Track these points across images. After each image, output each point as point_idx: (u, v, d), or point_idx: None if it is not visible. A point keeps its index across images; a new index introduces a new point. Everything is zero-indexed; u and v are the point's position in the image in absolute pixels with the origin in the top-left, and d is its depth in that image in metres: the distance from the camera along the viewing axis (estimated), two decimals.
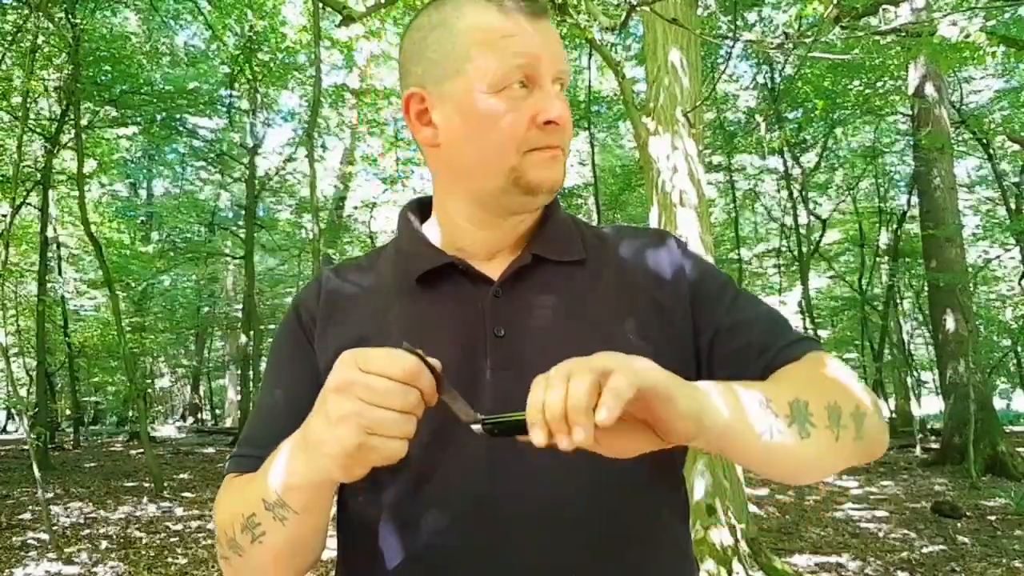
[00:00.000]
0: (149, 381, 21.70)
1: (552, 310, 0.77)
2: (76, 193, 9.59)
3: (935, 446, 10.80)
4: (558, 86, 0.75)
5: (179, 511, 6.73)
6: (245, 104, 12.42)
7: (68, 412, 16.98)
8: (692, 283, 0.80)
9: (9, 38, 8.51)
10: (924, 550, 5.16)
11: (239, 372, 15.79)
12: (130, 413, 18.54)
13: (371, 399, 0.56)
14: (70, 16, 8.05)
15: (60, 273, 13.96)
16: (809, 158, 13.53)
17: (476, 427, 0.59)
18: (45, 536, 5.35)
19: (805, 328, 14.76)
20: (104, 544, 5.43)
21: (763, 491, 7.73)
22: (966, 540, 5.43)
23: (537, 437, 0.53)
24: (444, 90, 0.76)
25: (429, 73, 0.77)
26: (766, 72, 11.91)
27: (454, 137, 0.77)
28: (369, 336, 0.77)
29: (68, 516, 6.45)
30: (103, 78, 9.85)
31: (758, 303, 0.82)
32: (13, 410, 17.60)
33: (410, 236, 0.85)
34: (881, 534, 5.71)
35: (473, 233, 0.81)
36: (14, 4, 8.67)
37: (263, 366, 18.78)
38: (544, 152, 0.74)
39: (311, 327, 0.82)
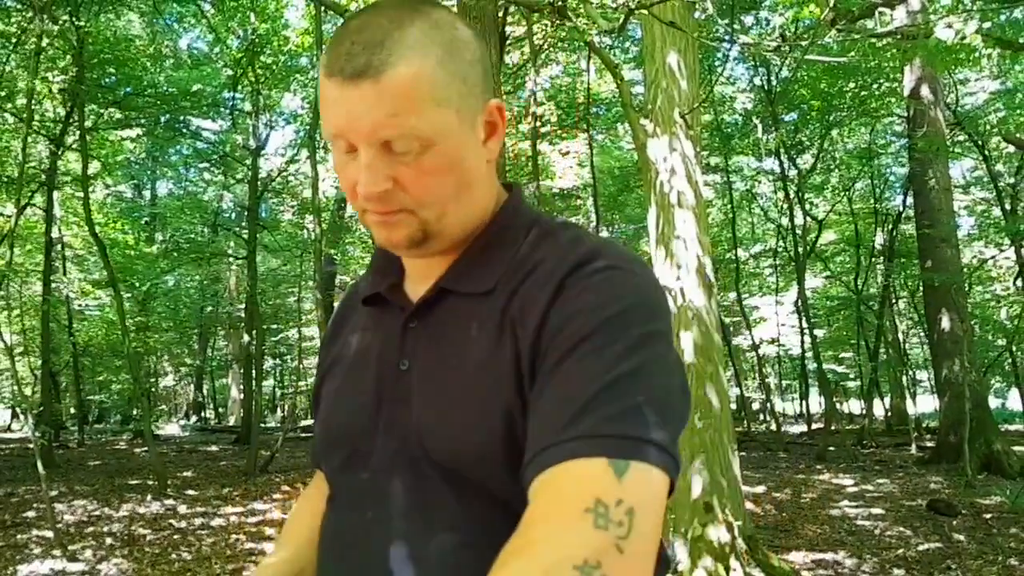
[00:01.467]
0: (153, 380, 21.78)
1: (446, 345, 0.71)
2: (80, 194, 9.65)
3: (931, 444, 10.87)
4: (407, 148, 0.64)
5: (183, 508, 6.79)
6: (248, 106, 12.45)
7: (72, 411, 17.07)
8: (554, 325, 0.64)
9: (14, 40, 8.57)
10: (920, 548, 5.19)
11: (241, 371, 15.86)
12: (134, 411, 18.65)
13: None
14: (74, 19, 8.09)
15: (65, 273, 14.03)
16: (805, 159, 13.60)
17: None
18: (50, 534, 5.34)
19: (802, 329, 14.80)
20: (108, 541, 5.47)
21: (760, 489, 7.79)
22: (962, 538, 5.46)
23: None
24: None
25: None
26: (763, 74, 11.97)
27: None
28: (337, 359, 0.82)
29: (72, 514, 6.48)
30: (107, 80, 9.92)
31: (629, 366, 0.60)
32: (18, 409, 17.71)
33: (374, 254, 0.84)
34: (877, 532, 5.74)
35: (403, 257, 0.78)
36: (19, 7, 8.74)
37: (265, 365, 18.81)
38: (374, 215, 0.69)
39: (325, 344, 0.88)
